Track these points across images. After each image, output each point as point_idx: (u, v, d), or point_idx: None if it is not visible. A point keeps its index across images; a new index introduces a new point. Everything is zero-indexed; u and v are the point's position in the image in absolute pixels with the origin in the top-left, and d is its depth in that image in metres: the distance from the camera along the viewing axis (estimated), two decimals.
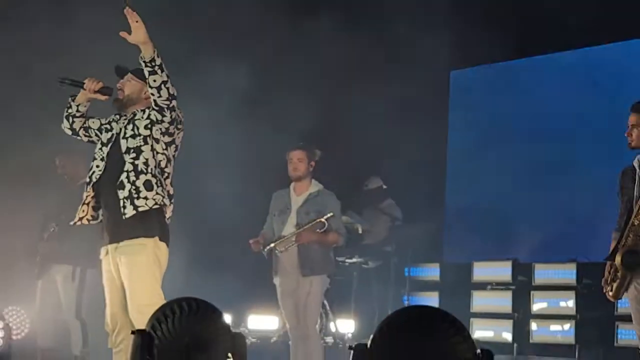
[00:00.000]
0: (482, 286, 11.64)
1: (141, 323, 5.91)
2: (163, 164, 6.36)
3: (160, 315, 4.89)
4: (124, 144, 6.36)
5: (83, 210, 6.48)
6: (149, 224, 6.27)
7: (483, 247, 12.12)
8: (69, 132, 6.67)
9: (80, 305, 8.61)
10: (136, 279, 6.25)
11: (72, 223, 6.57)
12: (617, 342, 10.35)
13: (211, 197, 10.09)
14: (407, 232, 11.60)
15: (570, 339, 10.77)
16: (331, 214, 8.30)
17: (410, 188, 11.92)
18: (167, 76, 6.18)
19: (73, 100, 6.56)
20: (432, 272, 12.24)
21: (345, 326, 11.15)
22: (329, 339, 10.78)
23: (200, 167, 9.70)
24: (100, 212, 6.47)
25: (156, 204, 6.25)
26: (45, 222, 8.89)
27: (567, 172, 11.35)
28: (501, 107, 12.78)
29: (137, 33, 6.08)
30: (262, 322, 11.61)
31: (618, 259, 6.31)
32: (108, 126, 6.58)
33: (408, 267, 11.98)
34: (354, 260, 11.23)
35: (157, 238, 6.30)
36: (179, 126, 6.44)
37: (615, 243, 6.42)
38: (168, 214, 6.43)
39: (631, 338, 10.24)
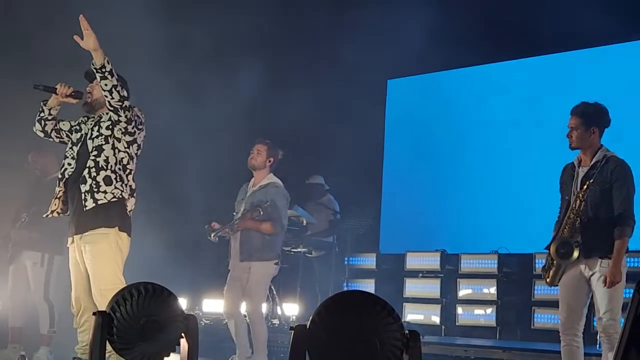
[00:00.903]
0: (414, 274, 11.67)
1: (104, 305, 5.86)
2: (125, 161, 6.35)
3: (119, 298, 4.85)
4: (90, 144, 6.35)
5: (55, 204, 6.45)
6: (110, 215, 6.25)
7: (415, 239, 12.15)
8: (41, 135, 6.63)
9: (48, 289, 8.56)
10: (99, 265, 6.22)
11: (45, 215, 6.54)
12: (533, 324, 10.44)
13: (176, 188, 10.01)
14: (346, 225, 11.62)
15: (492, 322, 10.84)
16: (267, 203, 8.23)
17: (350, 186, 11.94)
18: (117, 80, 6.18)
19: (45, 105, 6.51)
20: (369, 261, 12.24)
21: (291, 309, 11.13)
22: (276, 321, 10.75)
23: (166, 162, 9.60)
24: (69, 207, 6.42)
25: (114, 197, 6.24)
26: (18, 213, 8.82)
27: (490, 173, 11.42)
28: (433, 114, 12.82)
29: (88, 41, 6.07)
30: (214, 306, 11.56)
31: (553, 248, 6.32)
32: (77, 127, 6.55)
33: (347, 257, 11.96)
34: (299, 249, 11.22)
35: (117, 228, 6.28)
36: (139, 126, 6.43)
37: (554, 234, 6.45)
38: (130, 206, 6.40)
39: (546, 321, 10.36)
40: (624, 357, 2.96)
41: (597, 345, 9.00)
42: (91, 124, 6.43)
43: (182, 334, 4.98)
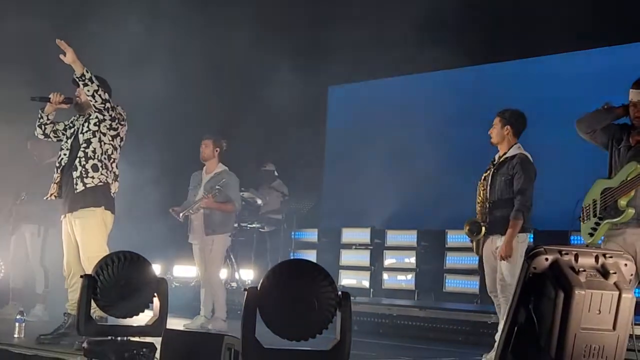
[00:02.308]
0: (349, 246, 11.70)
1: (90, 270, 5.84)
2: (110, 152, 6.35)
3: (102, 264, 4.82)
4: (80, 138, 6.35)
5: (53, 188, 6.45)
6: (97, 197, 6.26)
7: (350, 216, 12.18)
8: (42, 137, 6.65)
9: (44, 256, 8.47)
10: (87, 237, 6.24)
11: (45, 198, 6.54)
12: (445, 288, 10.55)
13: (147, 178, 9.90)
14: (293, 205, 11.64)
15: (412, 286, 10.92)
16: (224, 180, 8.24)
17: (297, 172, 11.95)
18: (98, 85, 6.19)
19: (43, 112, 6.52)
20: (311, 235, 12.23)
21: (246, 275, 11.10)
22: (234, 284, 10.72)
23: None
24: (63, 189, 6.38)
25: (100, 182, 6.25)
26: (18, 191, 8.71)
27: (414, 160, 11.45)
28: (367, 115, 12.84)
29: (67, 57, 6.13)
30: (184, 271, 11.50)
31: (465, 227, 6.46)
32: (71, 124, 6.56)
33: (294, 231, 11.97)
34: (254, 225, 11.18)
35: (103, 207, 6.29)
36: (122, 122, 6.43)
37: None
38: (113, 189, 6.40)
39: (455, 286, 10.48)
40: (514, 315, 3.01)
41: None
42: (82, 121, 6.43)
43: (155, 294, 4.96)
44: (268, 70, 11.44)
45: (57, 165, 6.45)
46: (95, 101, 6.18)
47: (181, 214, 8.35)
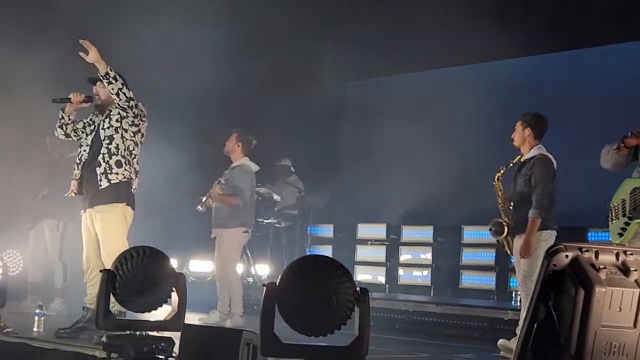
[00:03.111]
0: (364, 242, 11.70)
1: (110, 264, 5.87)
2: (131, 148, 6.37)
3: (122, 259, 4.85)
4: (102, 134, 6.36)
5: (73, 185, 6.48)
6: (120, 193, 6.28)
7: (365, 212, 12.17)
8: (62, 137, 6.65)
9: (62, 250, 8.49)
10: (108, 231, 6.26)
11: (66, 195, 6.57)
12: (461, 284, 10.53)
13: (166, 174, 9.93)
14: (309, 200, 11.64)
15: (427, 282, 10.91)
16: (228, 180, 8.25)
17: (313, 168, 11.95)
18: (122, 83, 6.20)
19: (64, 112, 6.52)
20: (327, 230, 12.24)
21: (262, 270, 11.13)
22: (250, 279, 10.75)
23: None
24: (84, 185, 6.41)
25: (124, 177, 6.28)
26: (38, 187, 8.74)
27: (430, 156, 11.43)
28: (384, 110, 12.82)
29: (91, 55, 6.13)
30: (200, 266, 11.54)
31: (490, 227, 6.54)
32: (90, 121, 6.57)
33: (309, 227, 11.98)
34: (270, 220, 11.20)
35: (124, 203, 6.32)
36: (143, 118, 6.44)
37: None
38: (134, 185, 6.43)
39: (471, 282, 10.47)
40: (534, 312, 3.00)
41: (513, 301, 9.12)
42: (102, 117, 6.44)
43: (173, 289, 4.98)
44: (285, 65, 11.45)
45: (77, 161, 6.48)
46: (120, 99, 6.19)
47: (200, 205, 8.39)
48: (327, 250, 11.75)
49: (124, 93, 6.18)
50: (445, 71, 12.21)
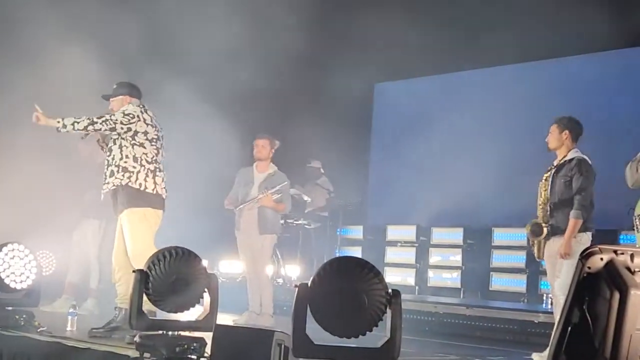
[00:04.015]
0: (394, 243, 11.68)
1: (137, 264, 5.94)
2: (134, 153, 6.38)
3: (154, 259, 4.88)
4: (109, 144, 6.55)
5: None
6: (131, 198, 6.33)
7: (395, 214, 12.16)
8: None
9: (101, 251, 8.50)
10: (131, 235, 6.31)
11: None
12: (491, 286, 10.48)
13: (194, 175, 9.97)
14: (339, 202, 11.64)
15: (457, 284, 10.87)
16: (286, 182, 8.32)
17: (343, 169, 11.94)
18: (74, 123, 6.26)
19: (98, 142, 6.73)
20: (357, 232, 12.24)
21: (292, 271, 11.15)
22: (280, 280, 10.78)
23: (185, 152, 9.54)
24: None
25: (114, 185, 6.35)
26: (83, 188, 8.73)
27: (459, 158, 11.42)
28: (413, 112, 12.79)
29: (41, 121, 6.30)
30: (229, 266, 11.56)
31: (527, 229, 6.51)
32: None
33: (339, 228, 11.97)
34: (300, 222, 11.21)
35: (142, 206, 6.34)
36: (132, 120, 6.38)
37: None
38: (150, 186, 6.38)
39: (501, 284, 10.41)
40: (568, 315, 2.98)
41: (544, 304, 9.06)
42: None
43: (205, 289, 5.01)
44: (314, 67, 11.46)
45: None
46: (98, 130, 6.35)
47: (238, 207, 8.39)
48: (356, 252, 11.74)
49: (86, 126, 6.29)
50: (475, 73, 12.16)
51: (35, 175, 9.18)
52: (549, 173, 6.56)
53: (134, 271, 4.86)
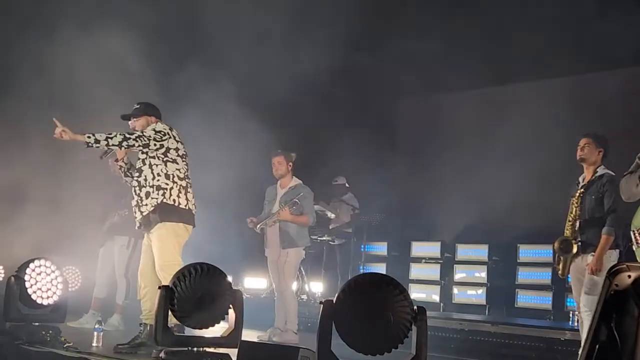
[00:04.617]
0: (418, 260, 11.64)
1: (163, 276, 5.96)
2: (165, 170, 6.39)
3: (180, 275, 4.90)
4: (137, 165, 6.52)
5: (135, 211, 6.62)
6: (162, 214, 6.33)
7: (420, 230, 12.12)
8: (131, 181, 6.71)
9: (129, 267, 8.51)
10: (158, 247, 6.31)
11: (136, 228, 6.63)
12: (516, 304, 10.40)
13: (221, 192, 10.00)
14: (363, 218, 11.63)
15: (482, 301, 10.80)
16: (301, 194, 8.29)
17: (367, 185, 11.93)
18: (108, 138, 6.20)
19: (117, 161, 6.66)
20: (381, 248, 12.22)
21: (316, 287, 11.15)
22: (304, 296, 10.77)
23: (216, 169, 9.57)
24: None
25: (152, 206, 6.33)
26: (106, 207, 8.75)
27: (485, 174, 11.38)
28: (438, 127, 12.79)
29: (66, 137, 6.15)
30: (254, 283, 11.60)
31: (555, 245, 6.45)
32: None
33: (363, 245, 11.97)
34: (324, 238, 11.22)
35: (171, 222, 6.35)
36: (163, 138, 6.41)
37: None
38: (183, 202, 6.41)
39: (526, 301, 10.32)
40: (595, 333, 2.96)
41: (570, 321, 8.98)
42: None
43: (230, 305, 5.02)
44: (340, 82, 11.47)
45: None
46: (124, 148, 6.31)
47: (258, 226, 8.41)
48: (381, 268, 11.71)
49: (121, 142, 6.25)
50: (500, 89, 12.14)
51: (62, 190, 9.26)
52: (580, 190, 6.49)
53: (159, 287, 4.88)
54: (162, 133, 6.41)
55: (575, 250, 6.36)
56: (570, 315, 9.16)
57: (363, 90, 11.05)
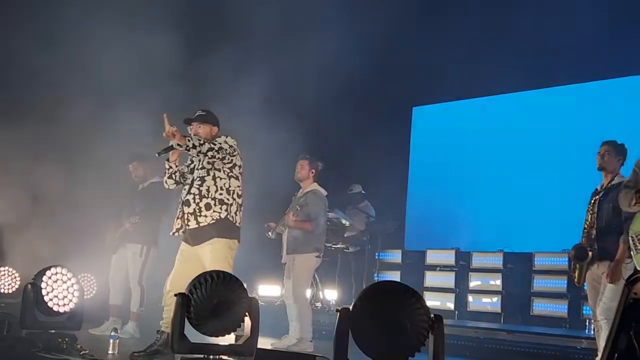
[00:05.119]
0: (433, 268, 11.61)
1: None
2: (228, 185, 6.41)
3: (196, 283, 4.90)
4: (196, 173, 6.46)
5: (177, 224, 6.50)
6: (219, 231, 6.34)
7: (434, 238, 12.10)
8: (173, 186, 6.66)
9: (143, 275, 8.52)
10: (216, 261, 6.26)
11: (171, 233, 6.58)
12: (532, 311, 10.35)
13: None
14: (378, 226, 11.62)
15: (497, 309, 10.75)
16: (302, 198, 8.26)
17: (382, 193, 11.93)
18: (199, 144, 6.18)
19: (169, 162, 6.55)
20: (395, 256, 12.19)
21: (330, 295, 11.14)
22: (318, 304, 10.76)
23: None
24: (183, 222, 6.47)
25: (212, 219, 6.32)
26: (121, 214, 8.77)
27: (496, 186, 11.39)
28: (451, 136, 12.79)
29: (176, 139, 6.09)
30: (268, 290, 11.59)
31: (571, 253, 6.41)
32: (190, 160, 6.64)
33: (378, 252, 11.95)
34: (338, 246, 11.18)
35: (226, 239, 6.37)
36: (234, 154, 6.44)
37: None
38: (238, 220, 6.47)
39: (542, 309, 10.29)
40: (614, 341, 2.95)
41: (586, 330, 8.94)
42: (200, 157, 6.41)
43: (246, 313, 5.02)
44: (354, 92, 11.49)
45: (179, 200, 6.54)
46: (207, 157, 6.26)
47: (271, 231, 8.42)
48: (395, 276, 11.69)
49: (207, 151, 6.21)
50: (513, 96, 12.12)
51: (76, 197, 9.29)
52: (596, 197, 6.46)
53: (175, 295, 4.88)
54: (233, 149, 6.45)
55: (590, 258, 6.32)
56: (586, 323, 9.11)
57: (377, 99, 11.04)
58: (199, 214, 6.30)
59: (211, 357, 4.90)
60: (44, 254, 8.28)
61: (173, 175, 6.56)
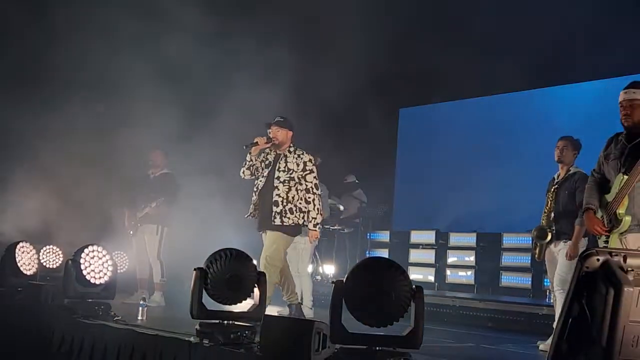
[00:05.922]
0: (416, 246, 11.60)
1: (263, 267, 6.24)
2: (309, 189, 6.59)
3: (212, 259, 4.90)
4: (277, 173, 6.55)
5: (252, 208, 6.66)
6: (290, 231, 6.56)
7: (418, 220, 12.11)
8: (249, 177, 6.73)
9: (160, 250, 8.52)
10: (273, 248, 6.45)
11: (245, 216, 6.74)
12: (501, 283, 10.37)
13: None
14: (369, 211, 11.64)
15: (471, 281, 10.77)
16: None
17: (373, 182, 11.93)
18: (309, 156, 6.69)
19: (250, 155, 6.62)
20: (384, 236, 12.18)
21: (329, 269, 11.16)
22: (318, 277, 10.79)
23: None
24: (259, 210, 6.64)
25: (293, 222, 6.52)
26: (136, 200, 8.73)
27: (475, 174, 11.37)
28: (434, 134, 12.76)
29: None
30: None
31: (533, 233, 6.46)
32: (265, 158, 6.70)
33: (369, 233, 11.96)
34: (335, 227, 11.24)
35: (293, 236, 6.64)
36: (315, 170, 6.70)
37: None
38: (312, 224, 6.63)
39: (509, 281, 10.31)
40: (569, 309, 2.96)
41: (547, 299, 8.95)
42: (279, 157, 6.63)
43: (256, 285, 5.03)
44: (349, 90, 11.36)
45: (255, 189, 6.65)
46: (307, 167, 6.67)
47: None
48: (384, 253, 11.67)
49: (307, 162, 6.68)
50: (488, 99, 12.09)
51: (108, 187, 9.23)
52: (555, 186, 6.47)
53: (194, 269, 4.88)
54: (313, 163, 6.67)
55: (549, 237, 6.36)
56: (547, 293, 9.13)
57: (367, 101, 10.96)
58: (284, 215, 6.50)
59: (225, 322, 4.90)
60: (83, 235, 8.24)
61: (250, 168, 6.66)
